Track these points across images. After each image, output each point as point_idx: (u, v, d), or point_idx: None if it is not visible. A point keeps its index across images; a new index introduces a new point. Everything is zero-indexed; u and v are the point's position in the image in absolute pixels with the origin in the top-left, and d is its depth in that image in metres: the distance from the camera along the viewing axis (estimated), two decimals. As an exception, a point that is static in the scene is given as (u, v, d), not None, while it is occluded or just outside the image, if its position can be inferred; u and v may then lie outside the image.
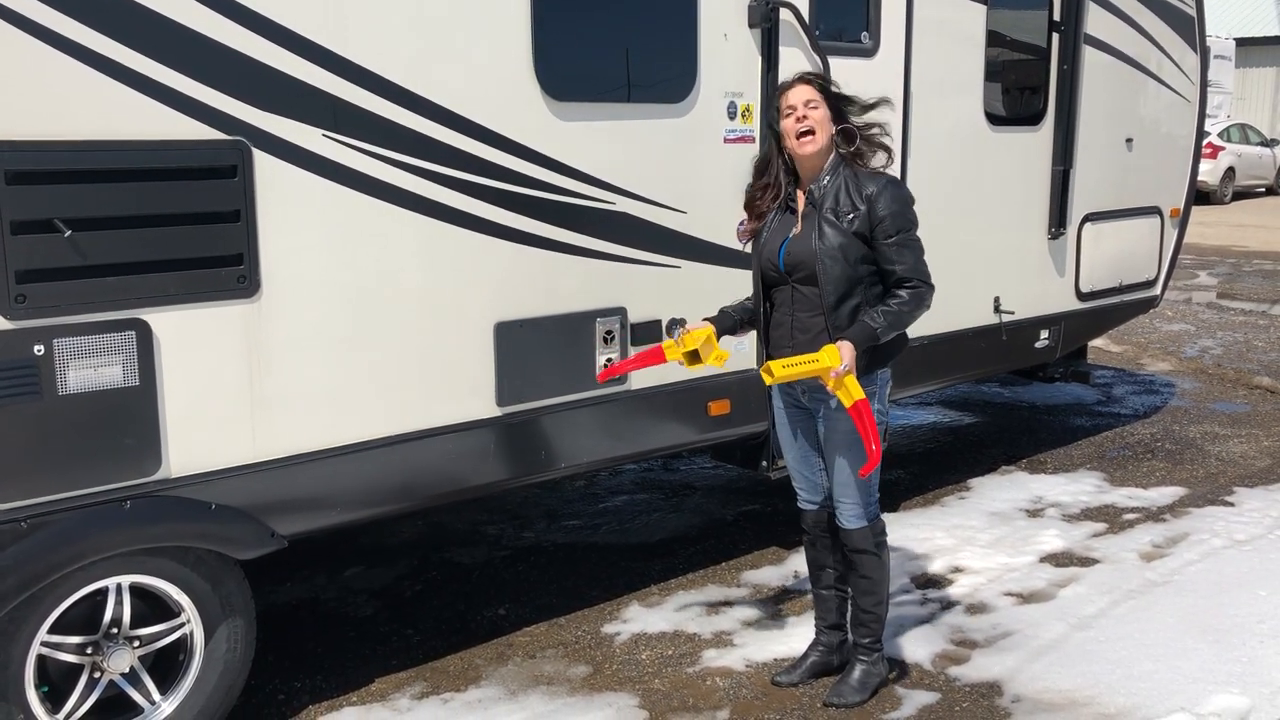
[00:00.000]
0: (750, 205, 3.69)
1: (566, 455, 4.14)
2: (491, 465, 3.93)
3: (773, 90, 4.43)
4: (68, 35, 2.93)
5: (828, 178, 3.51)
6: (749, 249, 3.73)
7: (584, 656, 4.15)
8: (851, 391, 3.39)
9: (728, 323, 3.76)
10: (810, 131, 3.46)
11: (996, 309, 5.72)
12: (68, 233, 2.97)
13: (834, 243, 3.45)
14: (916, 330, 5.28)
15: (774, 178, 3.60)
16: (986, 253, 5.64)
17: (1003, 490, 5.89)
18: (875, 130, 3.58)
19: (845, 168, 3.52)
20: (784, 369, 3.39)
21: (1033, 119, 5.77)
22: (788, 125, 3.49)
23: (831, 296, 3.47)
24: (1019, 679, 3.94)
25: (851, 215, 3.46)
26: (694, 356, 3.62)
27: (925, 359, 5.40)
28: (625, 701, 3.81)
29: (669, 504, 5.78)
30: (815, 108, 3.47)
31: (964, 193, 5.45)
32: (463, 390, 3.83)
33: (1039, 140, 5.80)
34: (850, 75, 4.71)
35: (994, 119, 5.52)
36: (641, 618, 4.46)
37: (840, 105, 3.54)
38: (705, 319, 3.73)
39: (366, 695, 3.88)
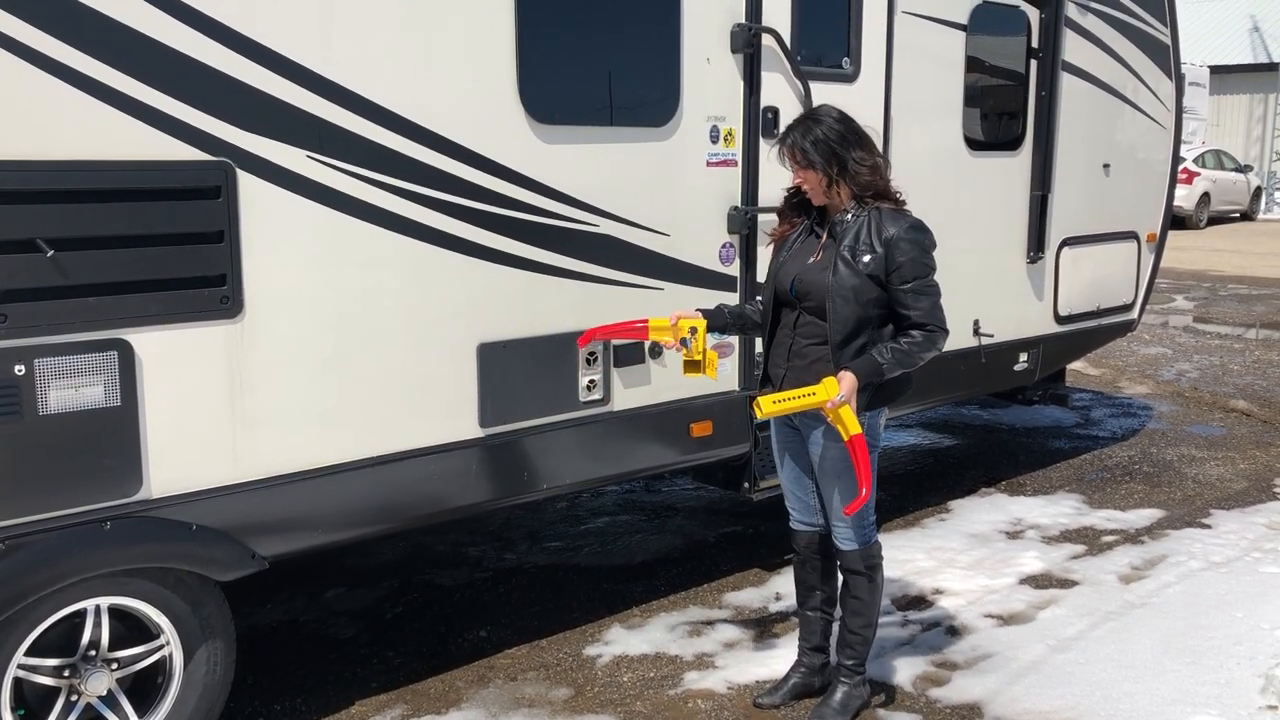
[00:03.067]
0: (781, 213, 3.73)
1: (549, 476, 4.13)
2: (474, 487, 3.93)
3: (755, 114, 4.50)
4: (51, 55, 2.93)
5: (850, 214, 3.51)
6: (769, 251, 3.77)
7: (565, 679, 4.14)
8: (848, 425, 3.38)
9: (719, 320, 3.78)
10: (809, 189, 3.53)
11: (976, 332, 5.76)
12: (50, 252, 2.96)
13: (847, 283, 3.45)
14: (897, 353, 5.34)
15: (798, 200, 3.65)
16: (966, 276, 5.67)
17: (982, 512, 5.92)
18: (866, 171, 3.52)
19: (871, 205, 3.51)
20: (775, 404, 3.36)
21: (1012, 144, 5.84)
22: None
23: (838, 335, 3.47)
24: (999, 700, 3.96)
25: (868, 257, 3.44)
26: (689, 360, 3.68)
27: (905, 382, 5.42)
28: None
29: (651, 525, 5.78)
30: (804, 168, 3.50)
31: (943, 217, 5.44)
32: (445, 411, 3.83)
33: (1018, 165, 5.86)
34: (831, 100, 4.76)
35: (973, 144, 5.59)
36: (623, 639, 4.45)
37: (829, 160, 3.47)
38: (699, 309, 3.78)
39: (347, 718, 3.85)
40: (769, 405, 3.36)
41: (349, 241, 3.51)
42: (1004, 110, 5.84)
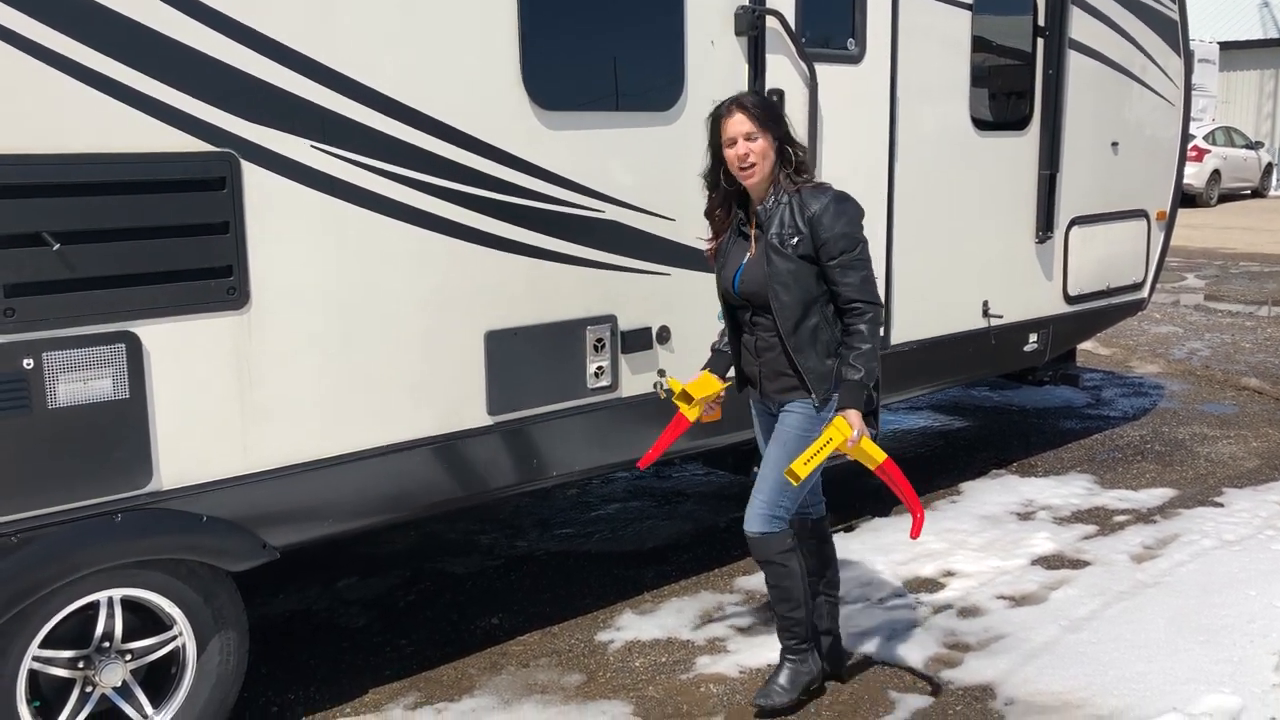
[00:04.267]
0: (710, 216, 3.68)
1: (558, 463, 4.14)
2: (483, 474, 3.93)
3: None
4: (56, 50, 2.93)
5: (771, 199, 3.47)
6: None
7: (577, 665, 4.15)
8: (872, 455, 3.39)
9: (724, 362, 3.78)
10: (752, 165, 3.43)
11: (985, 313, 5.74)
12: (56, 246, 2.96)
13: (783, 270, 3.41)
14: (906, 335, 5.34)
15: (721, 200, 3.60)
16: (974, 257, 5.66)
17: (993, 494, 5.91)
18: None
19: (789, 185, 3.45)
20: (806, 465, 3.32)
21: (1019, 124, 5.80)
22: (729, 156, 3.46)
23: (788, 323, 3.45)
24: (1012, 681, 3.95)
25: (796, 239, 3.40)
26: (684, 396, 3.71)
27: (915, 363, 5.42)
28: (619, 709, 3.81)
29: (661, 511, 5.78)
30: (754, 139, 3.41)
31: (951, 197, 5.47)
32: (454, 399, 3.83)
33: (1025, 145, 5.83)
34: (837, 82, 4.75)
35: (980, 124, 5.55)
36: (635, 625, 4.46)
37: (781, 125, 3.48)
38: (704, 368, 3.80)
39: (360, 706, 3.87)
40: (801, 469, 3.31)
41: (355, 231, 3.50)
42: (1011, 90, 5.81)
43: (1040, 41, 5.78)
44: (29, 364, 2.97)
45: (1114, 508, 5.68)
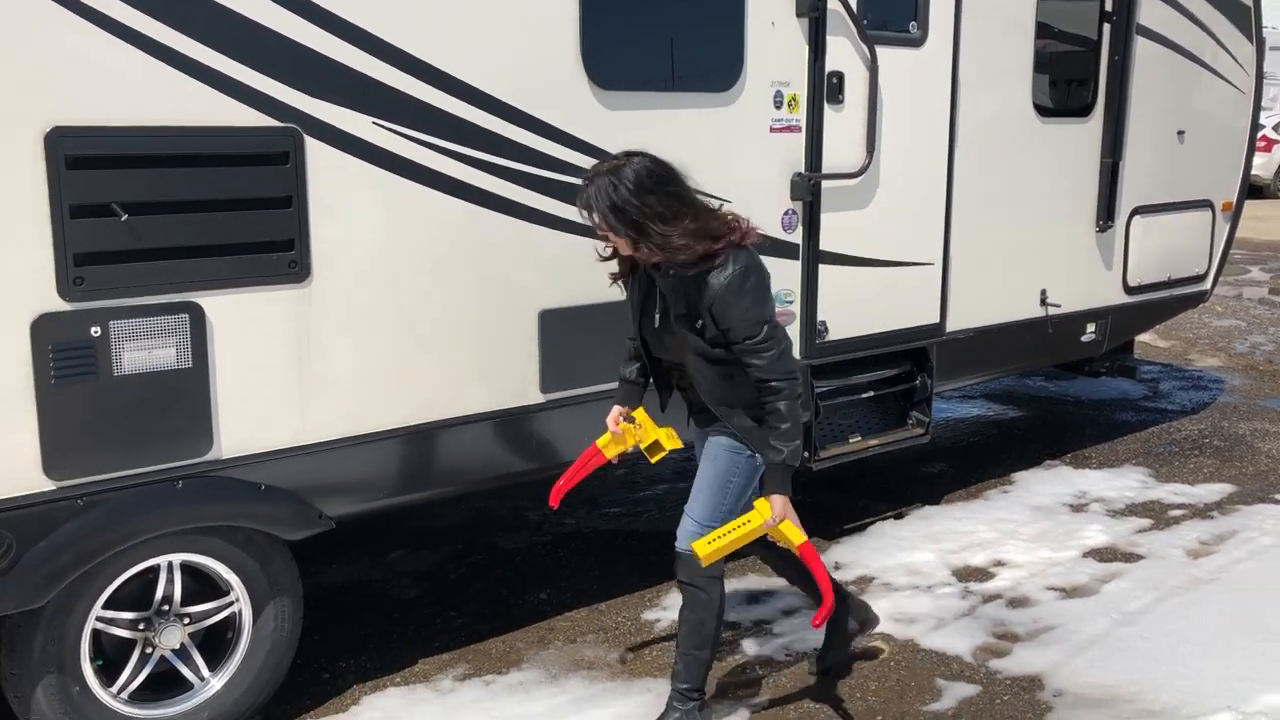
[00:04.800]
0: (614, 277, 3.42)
1: (609, 443, 4.15)
2: (535, 451, 3.96)
3: (820, 79, 4.44)
4: (126, 23, 2.98)
5: (671, 270, 3.15)
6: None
7: (624, 642, 4.18)
8: (790, 538, 3.25)
9: (637, 392, 3.56)
10: (616, 254, 3.26)
11: (1043, 302, 5.67)
12: (124, 216, 3.02)
13: (695, 348, 3.21)
14: (962, 322, 5.28)
15: (623, 265, 3.34)
16: (1033, 245, 5.59)
17: (1046, 484, 5.84)
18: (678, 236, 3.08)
19: (686, 262, 3.11)
20: (711, 545, 3.17)
21: (1082, 110, 5.70)
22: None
23: (712, 392, 3.27)
24: (1061, 673, 3.92)
25: (700, 322, 3.16)
26: (647, 448, 3.57)
27: (970, 351, 5.37)
28: (664, 688, 3.81)
29: (709, 493, 5.79)
30: (605, 234, 3.16)
31: (1011, 184, 5.40)
32: (507, 376, 3.86)
33: (1088, 132, 5.73)
34: (898, 65, 4.70)
35: (1042, 110, 5.47)
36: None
37: (630, 224, 3.08)
38: (618, 405, 3.55)
39: (410, 676, 3.93)
40: (705, 549, 3.18)
41: (413, 207, 3.54)
42: (1074, 75, 5.71)
43: (1106, 26, 5.67)
44: (96, 332, 3.04)
45: (1170, 502, 5.59)
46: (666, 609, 4.44)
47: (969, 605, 4.47)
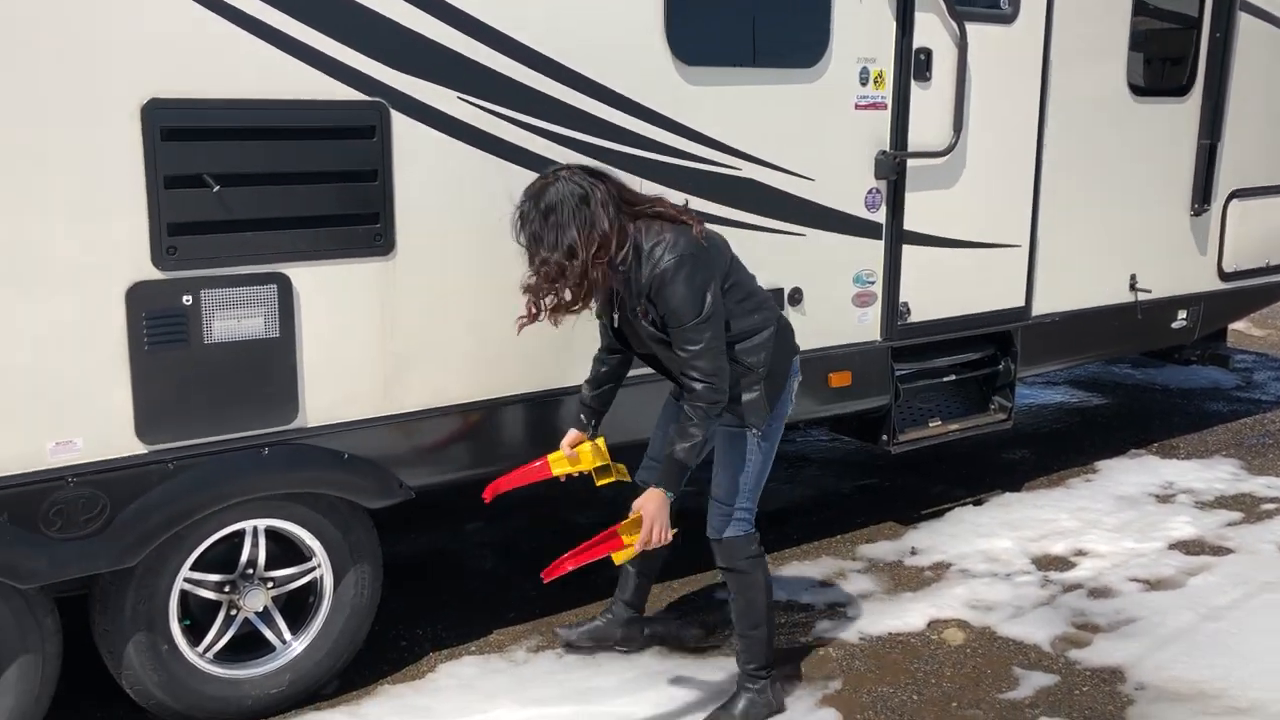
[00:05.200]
0: None
1: (685, 420, 4.14)
2: (612, 427, 3.95)
3: (907, 56, 4.36)
4: (221, -2, 3.04)
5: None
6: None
7: (696, 619, 4.18)
8: (624, 535, 3.17)
9: (593, 416, 3.55)
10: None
11: (1133, 286, 5.52)
12: (216, 188, 3.09)
13: (652, 337, 3.21)
14: (1048, 306, 5.16)
15: None
16: (1124, 228, 5.44)
17: (1131, 474, 5.71)
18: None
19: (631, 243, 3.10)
20: (622, 556, 3.22)
21: (1179, 90, 5.52)
22: None
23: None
24: (1144, 666, 3.83)
25: (651, 313, 3.15)
26: (599, 468, 3.56)
27: (1056, 336, 5.25)
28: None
29: (784, 474, 5.76)
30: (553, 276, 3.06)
31: (1103, 165, 5.26)
32: (584, 353, 3.84)
33: (1185, 112, 5.55)
34: (987, 42, 4.60)
35: (1137, 90, 5.30)
36: (755, 585, 4.46)
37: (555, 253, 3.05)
38: (576, 430, 3.56)
39: (485, 646, 3.98)
40: (619, 557, 3.23)
41: (495, 182, 3.55)
42: (1172, 54, 5.53)
43: (1208, 2, 5.48)
44: (188, 300, 3.11)
45: (1262, 495, 5.42)
46: (740, 588, 4.43)
47: (1048, 594, 4.38)
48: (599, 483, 3.62)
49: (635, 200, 3.19)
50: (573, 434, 3.57)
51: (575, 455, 3.56)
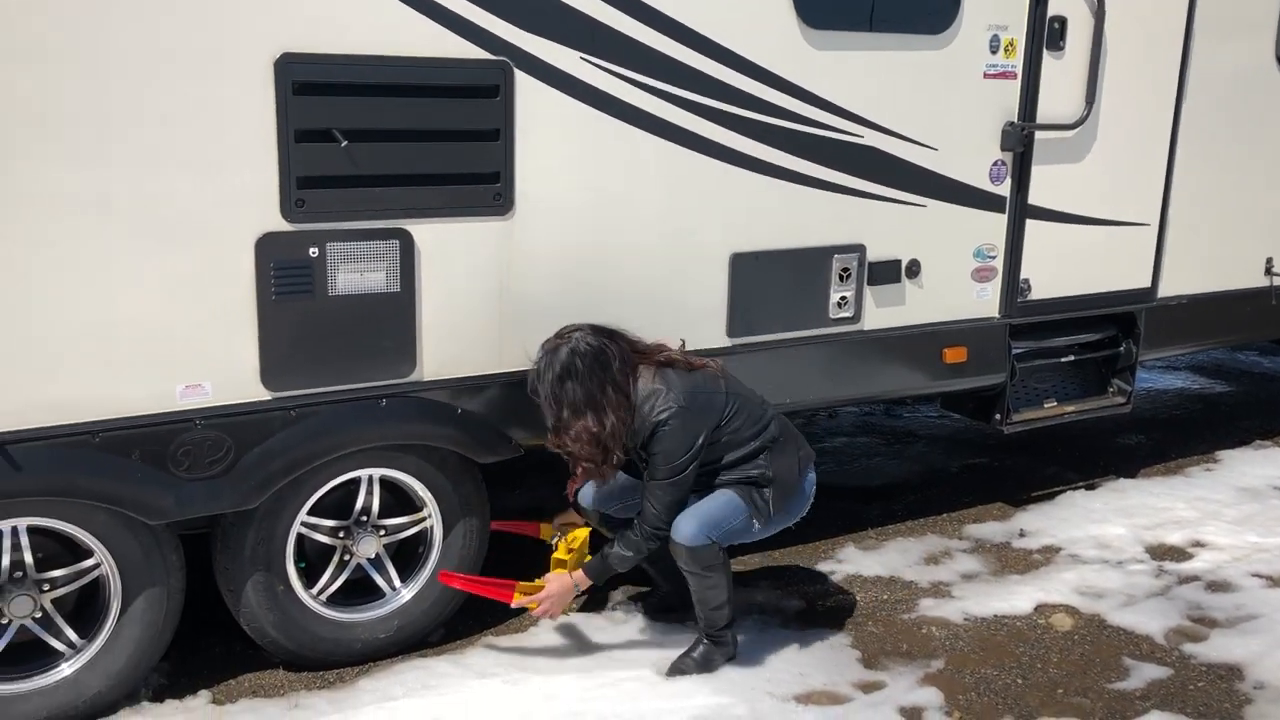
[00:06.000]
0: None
1: (792, 392, 4.11)
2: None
3: (1040, 23, 4.21)
4: (351, -46, 3.08)
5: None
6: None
7: (797, 591, 4.16)
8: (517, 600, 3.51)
9: (591, 519, 3.74)
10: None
11: (1268, 271, 5.28)
12: (344, 143, 3.14)
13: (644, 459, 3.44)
14: (1176, 288, 4.97)
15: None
16: (1262, 210, 5.19)
17: (1255, 465, 5.49)
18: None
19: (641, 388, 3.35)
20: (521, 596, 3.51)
21: (1332, 65, 5.23)
22: None
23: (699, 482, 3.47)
24: (1264, 664, 3.69)
25: (640, 453, 3.42)
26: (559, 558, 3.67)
27: (1182, 320, 5.06)
28: (838, 639, 3.81)
29: (890, 450, 5.69)
30: (582, 443, 3.31)
31: (1243, 143, 5.03)
32: (693, 319, 3.85)
33: (1336, 89, 5.25)
34: (1127, 10, 4.42)
35: (1286, 63, 5.04)
36: (856, 559, 4.43)
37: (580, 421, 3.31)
38: (563, 518, 3.80)
39: (587, 603, 4.02)
40: (518, 599, 3.52)
41: (613, 144, 3.55)
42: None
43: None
44: (314, 253, 3.18)
45: (1397, 494, 5.17)
46: (842, 562, 4.41)
47: (1163, 585, 4.25)
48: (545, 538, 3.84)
49: (643, 350, 3.43)
50: (566, 517, 3.81)
51: (557, 533, 3.76)
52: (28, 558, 3.09)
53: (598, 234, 3.60)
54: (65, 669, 3.19)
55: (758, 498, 3.48)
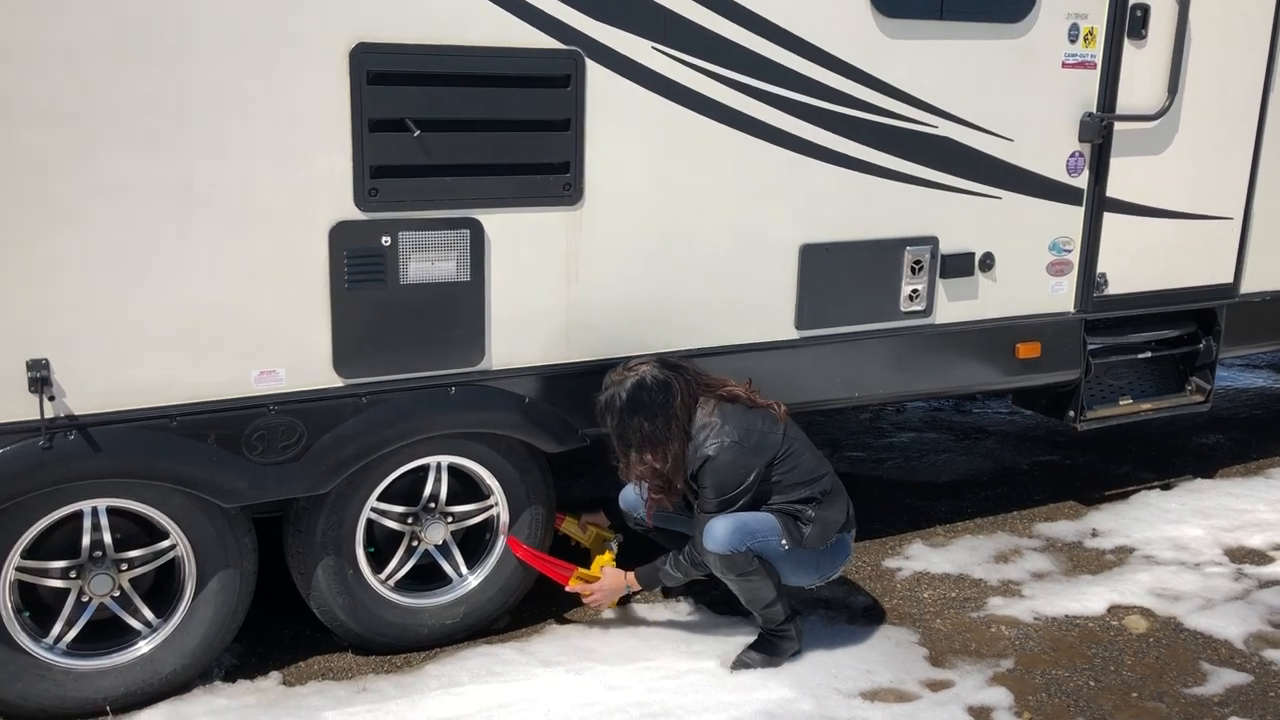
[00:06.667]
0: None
1: (861, 385, 4.07)
2: (783, 388, 3.91)
3: (1121, 12, 4.11)
4: (428, -56, 3.09)
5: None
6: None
7: (864, 587, 4.12)
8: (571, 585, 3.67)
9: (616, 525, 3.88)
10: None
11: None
12: (417, 133, 3.16)
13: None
14: (1260, 284, 4.83)
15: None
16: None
17: (1341, 468, 5.33)
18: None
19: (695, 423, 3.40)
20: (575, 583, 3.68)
21: None
22: None
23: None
24: (1349, 673, 3.58)
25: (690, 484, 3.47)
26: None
27: (1265, 317, 4.92)
28: (904, 636, 3.76)
29: (959, 446, 5.61)
30: (648, 476, 3.41)
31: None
32: (762, 310, 3.83)
33: None
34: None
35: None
36: (924, 556, 4.37)
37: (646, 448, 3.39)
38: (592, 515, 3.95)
39: (653, 596, 4.01)
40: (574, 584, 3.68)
41: (684, 135, 3.53)
42: None
43: None
44: (386, 241, 3.21)
45: None
46: (909, 559, 4.35)
47: (1242, 588, 4.14)
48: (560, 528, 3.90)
49: (708, 384, 3.45)
50: (593, 516, 3.92)
51: (583, 528, 3.90)
52: (107, 538, 3.17)
53: (666, 224, 3.59)
54: (143, 646, 3.26)
55: (793, 528, 3.45)
